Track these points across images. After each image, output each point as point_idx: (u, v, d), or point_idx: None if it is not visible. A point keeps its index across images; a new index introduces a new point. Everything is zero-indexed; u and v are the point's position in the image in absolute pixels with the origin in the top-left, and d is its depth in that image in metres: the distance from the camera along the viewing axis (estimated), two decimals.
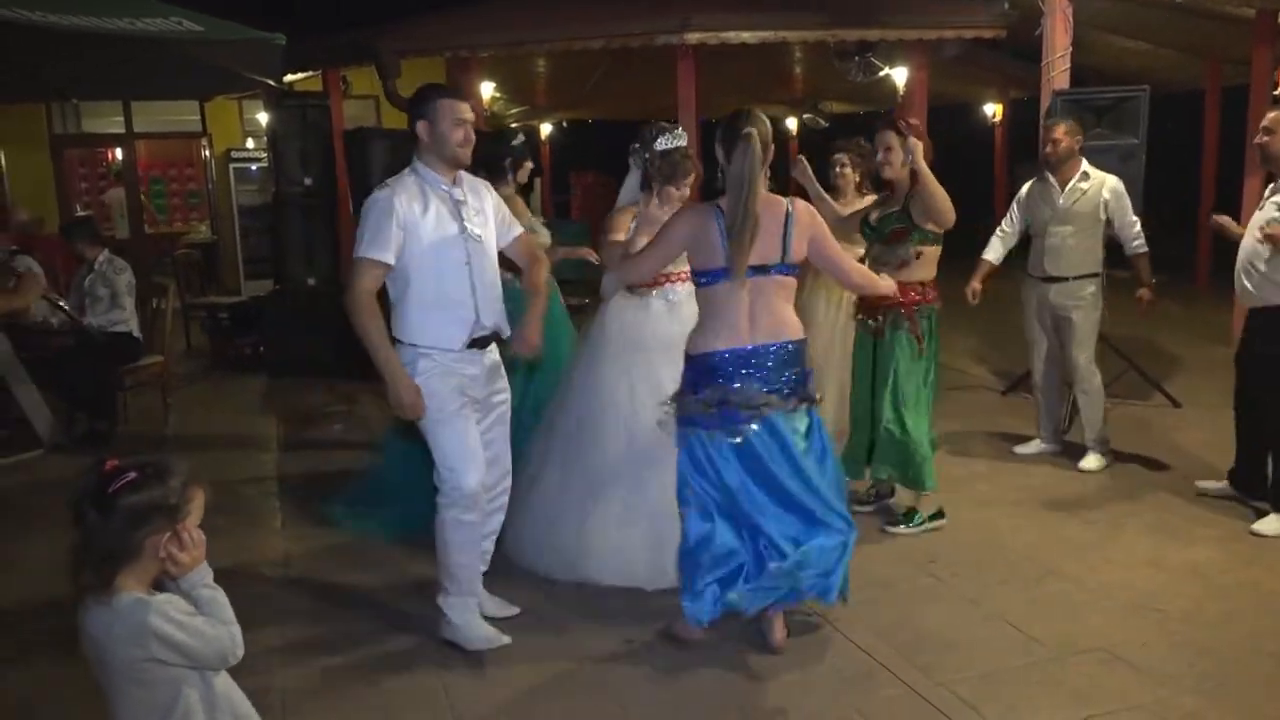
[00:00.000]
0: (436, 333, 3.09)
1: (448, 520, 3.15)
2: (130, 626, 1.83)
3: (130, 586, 1.86)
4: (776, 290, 2.98)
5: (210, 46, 4.94)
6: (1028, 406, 6.10)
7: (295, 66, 7.90)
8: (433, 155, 3.10)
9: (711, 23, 6.77)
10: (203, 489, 1.97)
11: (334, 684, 3.06)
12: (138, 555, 1.86)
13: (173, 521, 1.88)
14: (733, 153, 2.91)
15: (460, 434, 3.13)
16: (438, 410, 3.09)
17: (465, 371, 3.14)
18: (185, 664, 1.89)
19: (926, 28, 7.13)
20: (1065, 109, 5.82)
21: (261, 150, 10.79)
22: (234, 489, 4.90)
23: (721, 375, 2.94)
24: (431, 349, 3.09)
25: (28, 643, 3.33)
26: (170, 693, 1.89)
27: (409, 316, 3.10)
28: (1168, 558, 3.86)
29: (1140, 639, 3.20)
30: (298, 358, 7.27)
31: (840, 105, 13.05)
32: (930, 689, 2.92)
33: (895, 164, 3.96)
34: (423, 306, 3.08)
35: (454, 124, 3.06)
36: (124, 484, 1.85)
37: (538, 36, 7.25)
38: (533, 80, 10.79)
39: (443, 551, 3.20)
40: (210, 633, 1.89)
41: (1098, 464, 4.88)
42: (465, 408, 3.15)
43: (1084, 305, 4.83)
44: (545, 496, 3.74)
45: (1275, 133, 4.05)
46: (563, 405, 3.85)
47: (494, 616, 3.36)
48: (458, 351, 3.12)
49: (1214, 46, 8.42)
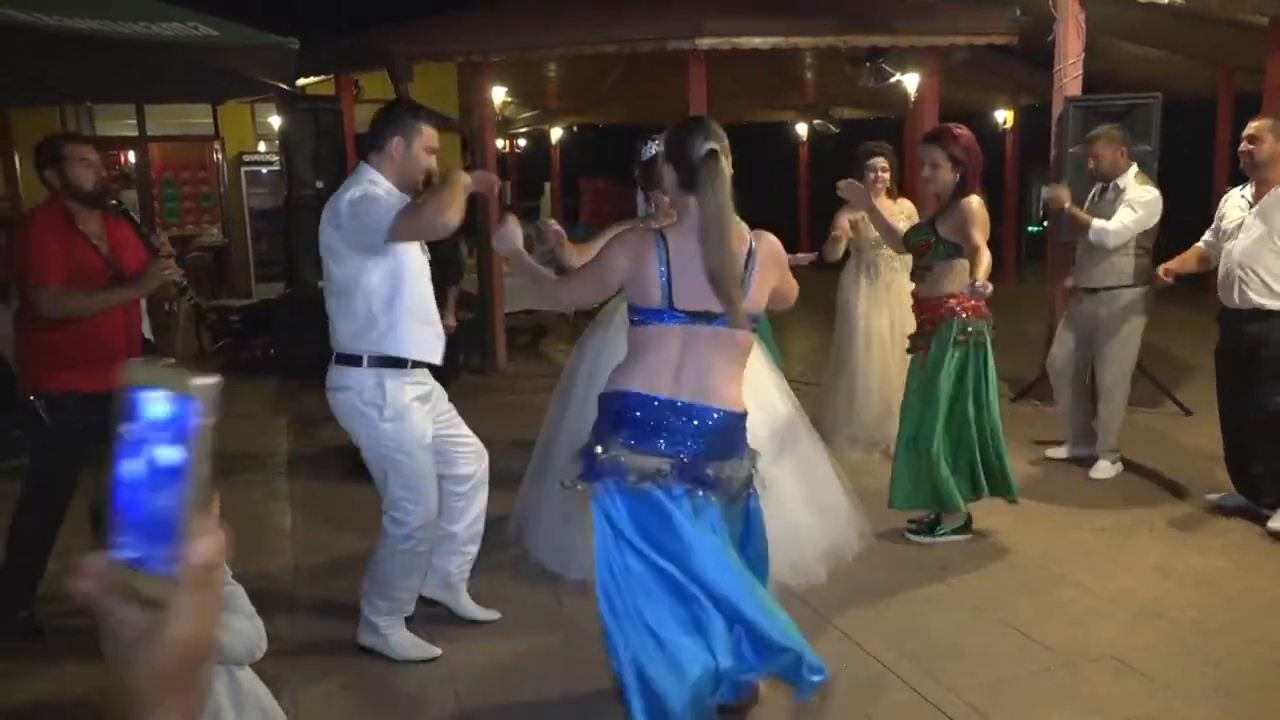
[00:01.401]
0: (423, 346, 3.08)
1: (401, 551, 3.10)
2: None
3: None
4: (713, 344, 2.46)
5: (224, 51, 4.96)
6: (1037, 414, 6.09)
7: (308, 70, 7.93)
8: (395, 173, 3.05)
9: (723, 28, 6.77)
10: (217, 490, 1.99)
11: (343, 684, 3.07)
12: None
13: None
14: (696, 177, 2.43)
15: (427, 463, 3.10)
16: (413, 441, 3.04)
17: (424, 392, 3.13)
18: (215, 659, 1.91)
19: (938, 34, 7.13)
20: (1077, 115, 5.82)
21: (273, 154, 10.84)
22: (243, 491, 4.92)
23: (627, 423, 2.43)
24: (404, 364, 3.03)
25: (49, 642, 3.35)
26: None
27: (396, 328, 3.01)
28: (1178, 566, 3.84)
29: (1150, 647, 3.19)
30: (309, 360, 7.26)
31: (851, 111, 13.03)
32: (940, 695, 2.91)
33: (941, 181, 3.87)
34: (408, 318, 3.03)
35: (426, 150, 3.05)
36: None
37: (550, 41, 7.26)
38: (544, 84, 10.82)
39: (387, 578, 3.14)
40: (237, 627, 1.92)
41: (1109, 472, 4.86)
42: (426, 436, 3.11)
43: (1116, 317, 4.73)
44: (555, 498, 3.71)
45: (1260, 140, 4.05)
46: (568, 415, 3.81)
47: (476, 619, 3.39)
48: (423, 368, 3.11)
49: (1227, 54, 8.39)
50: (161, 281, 3.40)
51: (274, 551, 4.16)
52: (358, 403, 3.02)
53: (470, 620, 3.41)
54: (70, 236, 3.34)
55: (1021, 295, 10.53)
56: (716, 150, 2.42)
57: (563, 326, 8.69)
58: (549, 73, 10.09)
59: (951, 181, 3.86)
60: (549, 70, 9.92)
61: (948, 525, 4.09)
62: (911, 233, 4.06)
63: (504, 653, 3.22)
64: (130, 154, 12.61)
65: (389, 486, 3.07)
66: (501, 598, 3.56)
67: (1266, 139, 4.03)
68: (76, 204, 3.37)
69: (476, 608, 3.43)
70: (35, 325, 3.33)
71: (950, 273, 3.88)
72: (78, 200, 3.36)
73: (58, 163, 3.34)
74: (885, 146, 5.03)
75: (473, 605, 3.43)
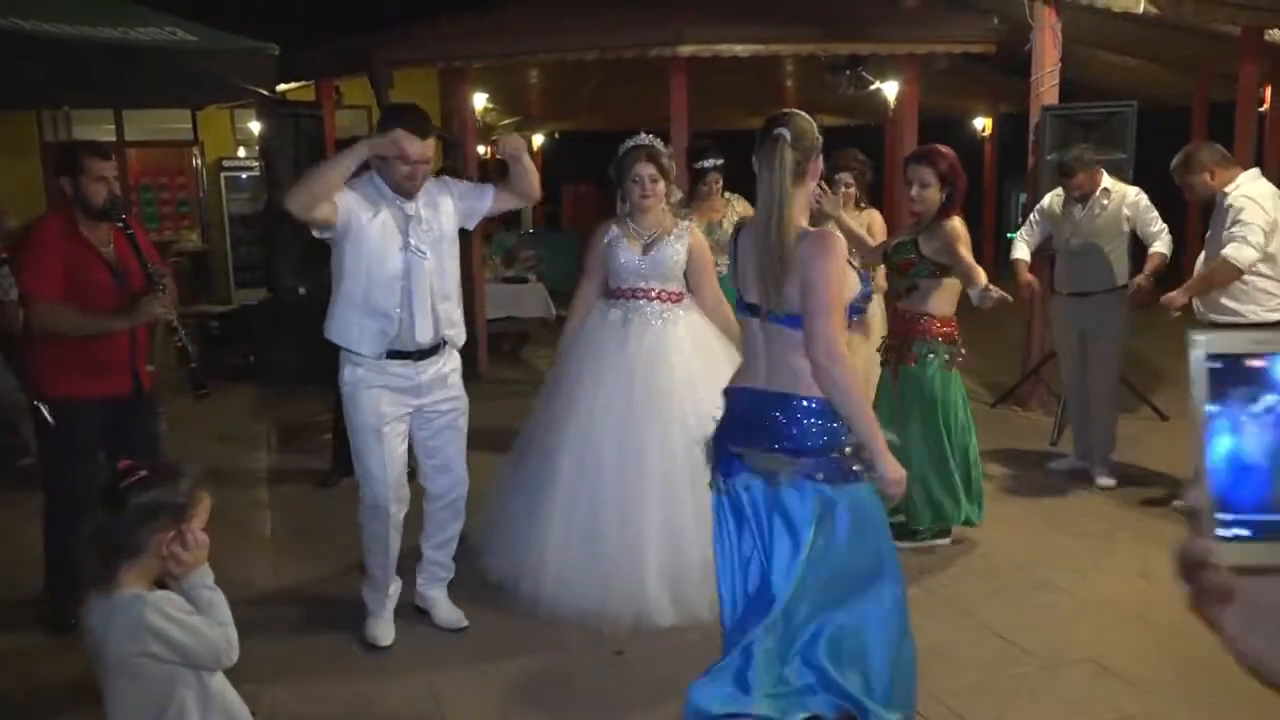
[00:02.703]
0: (355, 336, 3.16)
1: (359, 524, 3.31)
2: (128, 621, 1.87)
3: (131, 583, 1.92)
4: (773, 339, 2.48)
5: (203, 56, 4.94)
6: (1016, 418, 6.13)
7: (288, 76, 7.88)
8: (386, 174, 3.14)
9: (704, 35, 6.79)
10: (208, 494, 2.02)
11: (323, 692, 3.05)
12: (142, 552, 1.92)
13: (179, 521, 1.93)
14: (760, 157, 2.44)
15: (376, 450, 3.19)
16: (362, 424, 3.18)
17: (392, 383, 3.18)
18: (180, 662, 1.92)
19: (917, 42, 7.18)
20: (1054, 123, 5.87)
21: (253, 159, 10.77)
22: (224, 497, 4.84)
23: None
24: (349, 352, 3.17)
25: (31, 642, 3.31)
26: (165, 690, 1.92)
27: (333, 313, 3.18)
28: (1157, 569, 3.87)
29: (1130, 650, 3.22)
30: (288, 367, 7.25)
31: (831, 118, 13.11)
32: (921, 700, 2.91)
33: (929, 200, 3.88)
34: (348, 306, 3.14)
35: (402, 160, 3.08)
36: (135, 481, 1.91)
37: (532, 47, 7.26)
38: (526, 91, 10.81)
39: (363, 553, 3.36)
40: (206, 632, 1.93)
41: (1112, 481, 4.83)
42: (390, 422, 3.19)
43: (1105, 321, 4.77)
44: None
45: (1193, 187, 4.19)
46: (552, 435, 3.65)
47: (447, 626, 3.43)
48: (402, 359, 3.18)
49: (1202, 62, 8.50)
50: (152, 320, 3.43)
51: (255, 558, 4.13)
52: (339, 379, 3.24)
53: (446, 629, 3.43)
54: (75, 249, 3.34)
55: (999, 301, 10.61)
56: (781, 134, 2.37)
57: (544, 333, 8.67)
58: (531, 79, 10.08)
59: (938, 201, 3.87)
60: (531, 76, 9.91)
61: (927, 531, 4.08)
62: (894, 248, 4.05)
63: (490, 667, 3.19)
64: None
65: (355, 462, 3.29)
66: (484, 610, 3.54)
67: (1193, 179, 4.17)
68: (85, 218, 3.37)
69: (450, 614, 3.46)
70: (39, 332, 3.35)
71: (935, 291, 3.91)
72: (87, 214, 3.37)
73: (75, 174, 3.33)
74: (856, 160, 5.02)
75: (446, 612, 3.46)
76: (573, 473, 3.48)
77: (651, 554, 3.38)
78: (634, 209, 3.60)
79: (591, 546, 3.41)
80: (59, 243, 3.32)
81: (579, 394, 3.56)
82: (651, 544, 3.38)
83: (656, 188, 3.56)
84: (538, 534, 3.49)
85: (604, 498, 3.43)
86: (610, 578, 3.38)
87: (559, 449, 3.53)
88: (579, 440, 3.50)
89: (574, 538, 3.44)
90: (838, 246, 2.38)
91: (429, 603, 3.49)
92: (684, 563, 3.36)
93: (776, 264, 2.35)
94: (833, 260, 2.33)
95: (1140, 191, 4.79)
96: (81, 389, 3.33)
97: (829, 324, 2.30)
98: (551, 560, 3.44)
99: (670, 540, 3.38)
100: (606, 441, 3.47)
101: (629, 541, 3.38)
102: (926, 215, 3.94)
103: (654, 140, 3.62)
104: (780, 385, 2.42)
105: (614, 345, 3.59)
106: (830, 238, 2.42)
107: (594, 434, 3.49)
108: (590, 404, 3.52)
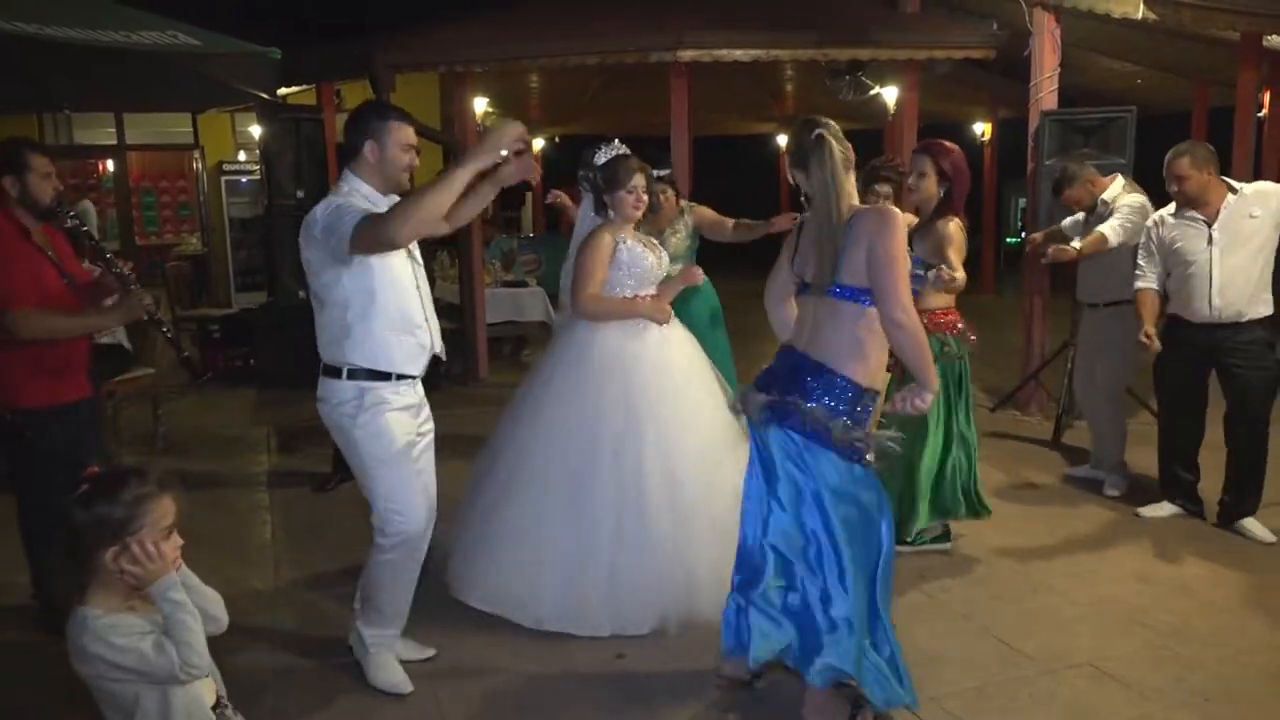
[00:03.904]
0: (397, 357, 2.95)
1: (387, 563, 3.01)
2: (74, 643, 1.89)
3: (97, 599, 1.91)
4: (823, 310, 2.74)
5: (204, 60, 4.95)
6: (1016, 423, 6.14)
7: (289, 80, 7.91)
8: (376, 177, 2.94)
9: (704, 40, 6.81)
10: (174, 498, 1.96)
11: (325, 699, 3.05)
12: (95, 569, 1.90)
13: (120, 535, 1.88)
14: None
15: (408, 475, 2.98)
16: (386, 450, 2.93)
17: (409, 402, 3.02)
18: (138, 680, 1.92)
19: (916, 47, 7.19)
20: (1053, 128, 5.89)
21: (253, 163, 10.79)
22: (224, 501, 4.88)
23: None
24: (388, 376, 2.94)
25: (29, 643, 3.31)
26: (129, 701, 1.94)
27: (372, 338, 2.90)
28: (1156, 573, 3.88)
29: (1130, 654, 3.22)
30: (288, 370, 7.25)
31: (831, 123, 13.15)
32: (920, 703, 2.92)
33: (925, 191, 3.86)
34: (383, 327, 2.92)
35: (402, 149, 2.95)
36: (78, 496, 1.89)
37: (532, 52, 7.27)
38: (526, 95, 10.82)
39: (375, 591, 3.07)
40: (152, 657, 1.89)
41: (1117, 491, 4.80)
42: (409, 446, 3.01)
43: (1117, 330, 4.68)
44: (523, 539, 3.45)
45: (1186, 179, 4.11)
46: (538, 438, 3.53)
47: (409, 660, 3.20)
48: (410, 379, 3.01)
49: (1200, 68, 8.52)
50: (142, 314, 3.34)
51: (254, 563, 4.13)
52: (334, 414, 2.95)
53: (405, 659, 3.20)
54: (30, 252, 3.24)
55: (999, 306, 10.64)
56: (821, 133, 2.70)
57: (544, 336, 8.68)
58: (531, 83, 10.10)
59: (934, 195, 3.86)
60: (531, 81, 9.93)
61: (927, 534, 4.08)
62: None
63: (491, 671, 3.18)
64: (109, 163, 12.53)
65: (373, 498, 2.99)
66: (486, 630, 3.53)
67: (1191, 175, 4.10)
68: (30, 217, 3.27)
69: (408, 646, 3.25)
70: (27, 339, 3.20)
71: (928, 288, 3.85)
72: (33, 214, 3.27)
73: (20, 171, 3.22)
74: (896, 171, 4.97)
75: (403, 644, 3.24)
76: (617, 495, 3.40)
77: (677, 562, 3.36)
78: (623, 218, 3.59)
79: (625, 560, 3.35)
80: (16, 244, 3.21)
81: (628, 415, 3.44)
82: (695, 549, 3.35)
83: (646, 198, 3.61)
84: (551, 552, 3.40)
85: (652, 514, 3.37)
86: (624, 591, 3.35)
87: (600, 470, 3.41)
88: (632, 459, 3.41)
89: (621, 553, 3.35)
90: (897, 218, 2.65)
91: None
92: (693, 568, 3.37)
93: (837, 240, 2.62)
94: (894, 228, 2.61)
95: (1140, 201, 4.66)
96: (49, 395, 3.25)
97: (899, 282, 2.56)
98: (563, 580, 3.37)
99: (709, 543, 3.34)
100: (664, 451, 3.42)
101: (671, 549, 3.35)
102: (923, 210, 3.93)
103: (625, 149, 3.69)
104: (820, 356, 2.67)
105: (655, 352, 3.56)
106: (889, 212, 2.68)
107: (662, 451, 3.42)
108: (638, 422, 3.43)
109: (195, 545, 2.09)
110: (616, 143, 3.69)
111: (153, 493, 1.93)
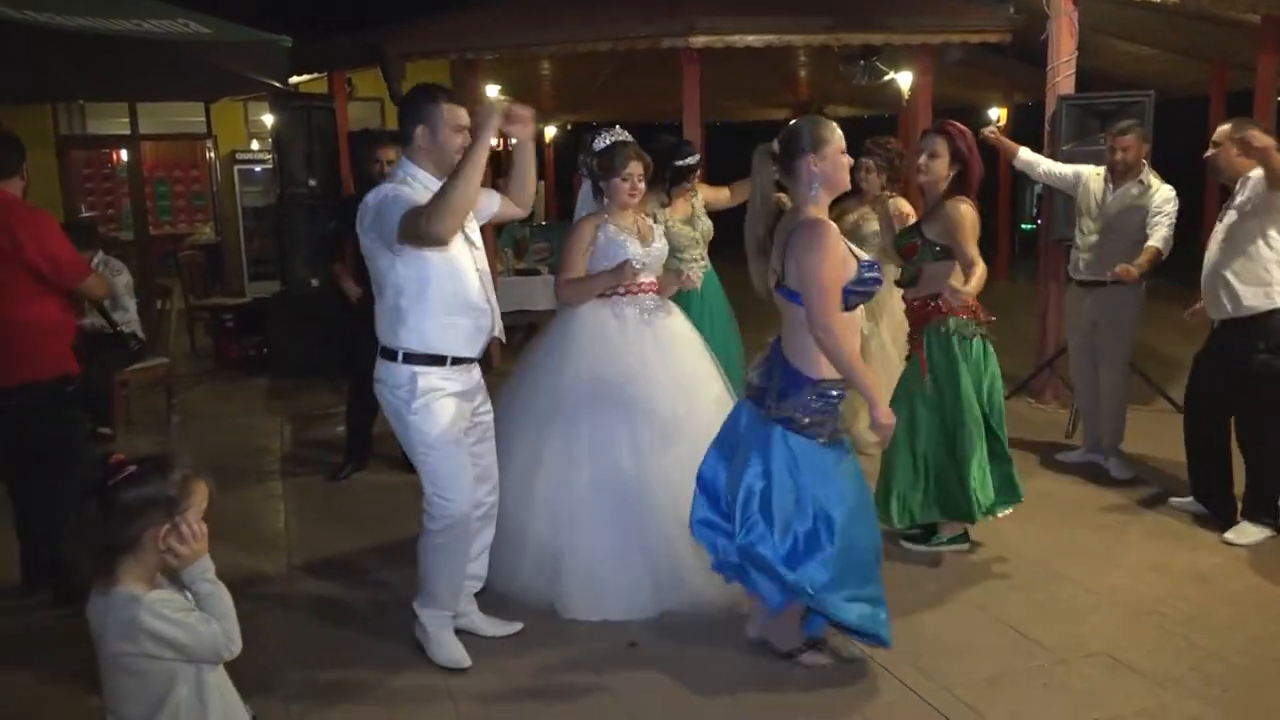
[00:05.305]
0: (452, 341, 2.97)
1: (436, 545, 3.04)
2: (121, 622, 1.88)
3: (130, 579, 1.92)
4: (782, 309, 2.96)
5: (216, 49, 4.94)
6: (1030, 411, 6.10)
7: (300, 69, 7.90)
8: (430, 161, 2.97)
9: (716, 26, 6.76)
10: (206, 483, 2.00)
11: (338, 685, 3.06)
12: (137, 548, 1.91)
13: (171, 514, 1.92)
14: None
15: (459, 459, 3.00)
16: (437, 435, 2.95)
17: (465, 387, 3.04)
18: (178, 659, 1.93)
19: (931, 32, 7.12)
20: (1070, 113, 5.82)
21: (266, 152, 10.79)
22: (237, 489, 4.90)
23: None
24: (444, 359, 2.96)
25: (39, 631, 3.34)
26: (163, 684, 1.94)
27: (426, 322, 2.92)
28: (1171, 563, 3.85)
29: (1145, 644, 3.20)
30: (301, 359, 7.28)
31: (845, 109, 13.05)
32: (934, 693, 2.91)
33: (935, 171, 3.78)
34: (439, 310, 2.93)
35: (454, 130, 2.94)
36: (123, 478, 1.90)
37: (543, 39, 7.24)
38: (538, 83, 10.79)
39: (428, 573, 3.09)
40: (203, 629, 1.93)
41: (1127, 473, 4.80)
42: (462, 432, 3.03)
43: (1117, 312, 4.69)
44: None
45: (1222, 145, 4.02)
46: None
47: (492, 635, 3.27)
48: (466, 363, 3.04)
49: (1219, 51, 8.41)
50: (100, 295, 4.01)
51: (268, 551, 4.15)
52: (390, 396, 2.98)
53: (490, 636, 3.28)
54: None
55: (1014, 293, 10.56)
56: (763, 148, 2.92)
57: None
58: (542, 70, 10.06)
59: (945, 175, 3.77)
60: (542, 68, 9.89)
61: (946, 534, 3.99)
62: (900, 234, 3.99)
63: (513, 673, 3.13)
64: (123, 152, 12.55)
65: (424, 481, 3.02)
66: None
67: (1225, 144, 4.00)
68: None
69: (491, 623, 3.31)
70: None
71: (941, 275, 3.78)
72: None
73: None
74: (880, 145, 4.98)
75: (485, 621, 3.31)
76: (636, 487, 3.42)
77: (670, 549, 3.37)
78: (618, 205, 3.58)
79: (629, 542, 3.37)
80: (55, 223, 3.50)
81: (627, 412, 3.44)
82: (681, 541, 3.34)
83: (641, 186, 3.59)
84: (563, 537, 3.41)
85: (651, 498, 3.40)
86: (636, 576, 3.36)
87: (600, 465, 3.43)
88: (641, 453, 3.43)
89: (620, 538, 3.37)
90: (826, 236, 2.74)
91: (468, 618, 3.30)
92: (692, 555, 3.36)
93: (782, 245, 2.83)
94: (819, 248, 2.72)
95: (1173, 194, 4.63)
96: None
97: (814, 300, 2.73)
98: (576, 565, 3.38)
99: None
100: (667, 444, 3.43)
101: (664, 536, 3.36)
102: (930, 192, 3.86)
103: (627, 135, 3.67)
104: (786, 351, 2.88)
105: (652, 348, 3.54)
106: (820, 231, 2.76)
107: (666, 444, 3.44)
108: (641, 422, 3.44)
109: (208, 533, 2.10)
110: (618, 129, 3.68)
111: (196, 474, 1.98)
